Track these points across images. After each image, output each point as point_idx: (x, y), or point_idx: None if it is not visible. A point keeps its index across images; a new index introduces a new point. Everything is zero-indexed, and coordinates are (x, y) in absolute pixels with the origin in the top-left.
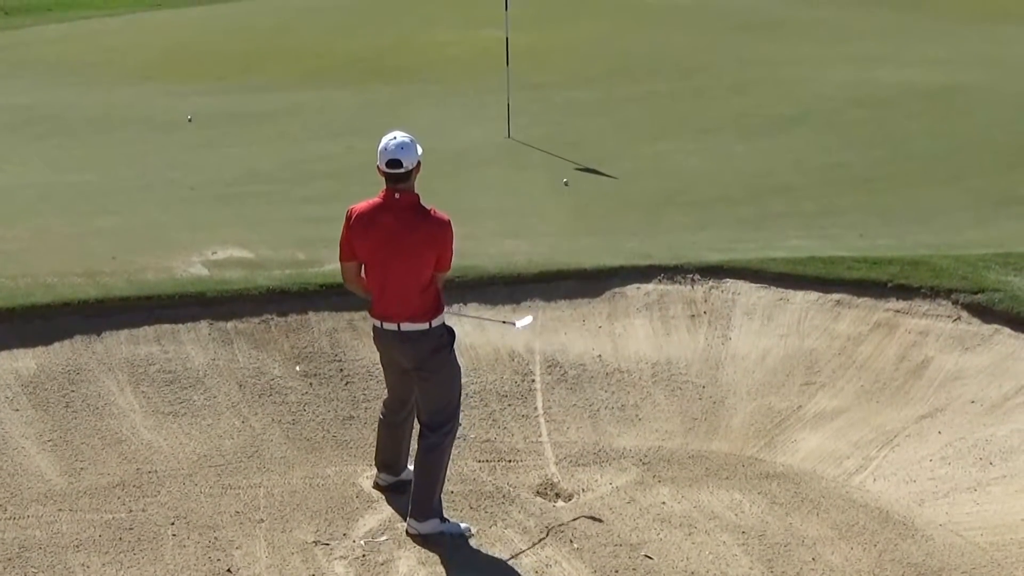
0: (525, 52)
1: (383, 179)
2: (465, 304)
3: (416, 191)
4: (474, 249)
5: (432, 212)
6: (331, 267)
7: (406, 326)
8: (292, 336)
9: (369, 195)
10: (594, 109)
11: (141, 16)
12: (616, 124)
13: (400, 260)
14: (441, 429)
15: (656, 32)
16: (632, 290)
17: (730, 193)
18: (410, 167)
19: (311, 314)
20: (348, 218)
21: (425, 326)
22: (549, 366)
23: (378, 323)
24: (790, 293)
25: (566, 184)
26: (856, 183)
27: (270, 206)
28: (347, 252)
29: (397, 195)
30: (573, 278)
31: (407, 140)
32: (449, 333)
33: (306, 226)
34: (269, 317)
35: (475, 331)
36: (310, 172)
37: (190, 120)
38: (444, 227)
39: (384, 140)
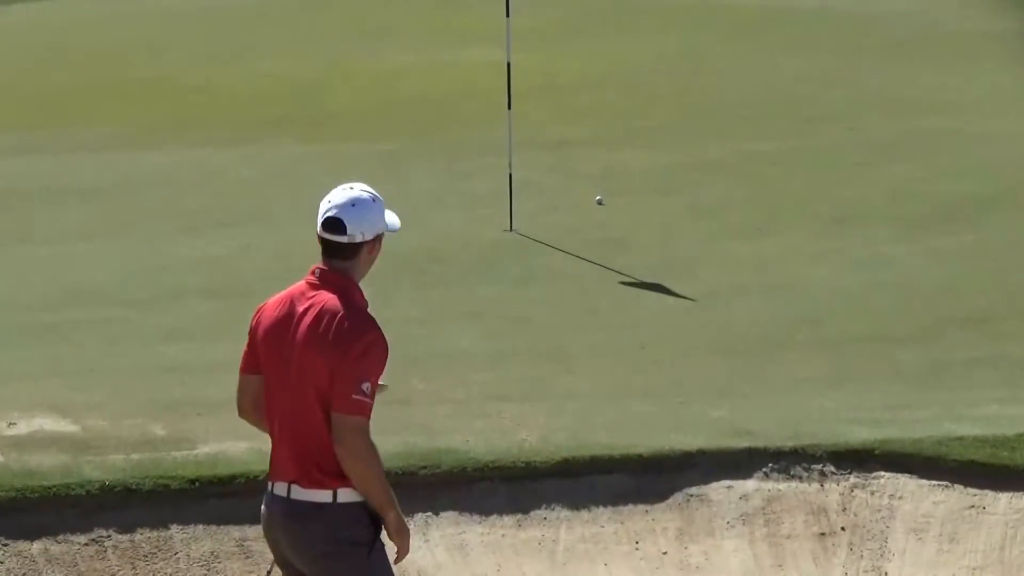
0: (538, 86)
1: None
2: (437, 514)
3: (359, 282)
4: (451, 422)
5: (354, 310)
6: (208, 449)
7: (298, 492)
8: (143, 568)
9: None
10: (653, 184)
11: None
12: (690, 209)
13: (291, 374)
14: None
15: (755, 54)
16: (719, 491)
17: (886, 325)
18: (356, 238)
19: (175, 530)
20: (257, 310)
21: (326, 496)
22: None
23: (269, 486)
24: (988, 497)
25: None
26: None
27: (108, 345)
28: (245, 357)
29: (317, 274)
30: (618, 470)
31: (366, 196)
32: (371, 524)
33: (168, 379)
34: (104, 535)
35: (454, 555)
36: (176, 288)
37: None
38: (355, 331)
39: (333, 191)
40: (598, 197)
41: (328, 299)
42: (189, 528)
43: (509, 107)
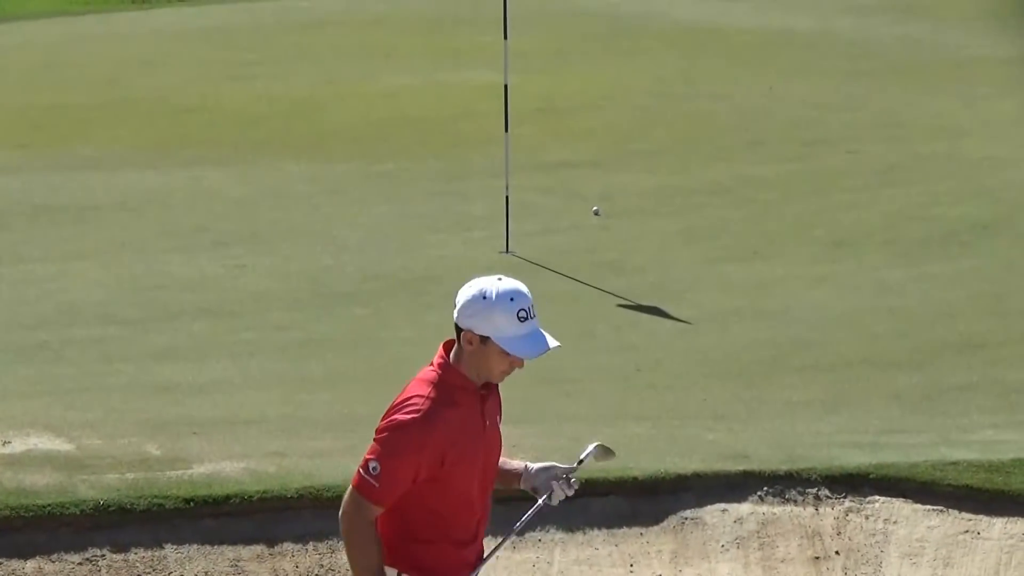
0: (535, 108)
1: None
2: None
3: (461, 369)
4: None
5: (415, 390)
6: (203, 469)
7: None
8: None
9: (278, 343)
10: (650, 206)
11: None
12: (687, 232)
13: None
14: None
15: (753, 77)
16: (714, 514)
17: (881, 350)
18: (455, 316)
19: (169, 550)
20: None
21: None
22: None
23: None
24: (983, 522)
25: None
26: None
27: (102, 364)
28: None
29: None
30: (613, 493)
31: (483, 289)
32: None
33: (162, 398)
34: (98, 554)
35: None
36: (171, 307)
37: None
38: (392, 411)
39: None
40: (595, 208)
41: (418, 374)
42: (183, 548)
43: (506, 129)
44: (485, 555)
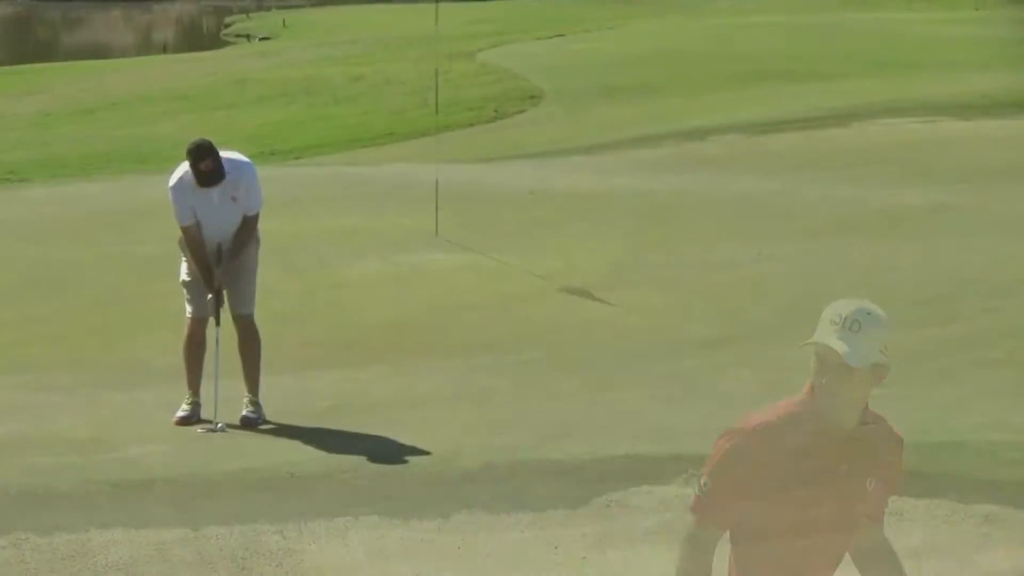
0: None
1: None
2: (357, 518)
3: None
4: (370, 426)
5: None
6: (129, 452)
7: None
8: (61, 570)
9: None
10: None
11: None
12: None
13: None
14: None
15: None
16: (639, 496)
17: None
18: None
19: (94, 533)
20: None
21: None
22: None
23: None
24: (907, 503)
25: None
26: None
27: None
28: None
29: None
30: (542, 477)
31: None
32: None
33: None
34: (22, 538)
35: (373, 559)
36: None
37: None
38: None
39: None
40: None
41: None
42: (108, 532)
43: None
44: None
